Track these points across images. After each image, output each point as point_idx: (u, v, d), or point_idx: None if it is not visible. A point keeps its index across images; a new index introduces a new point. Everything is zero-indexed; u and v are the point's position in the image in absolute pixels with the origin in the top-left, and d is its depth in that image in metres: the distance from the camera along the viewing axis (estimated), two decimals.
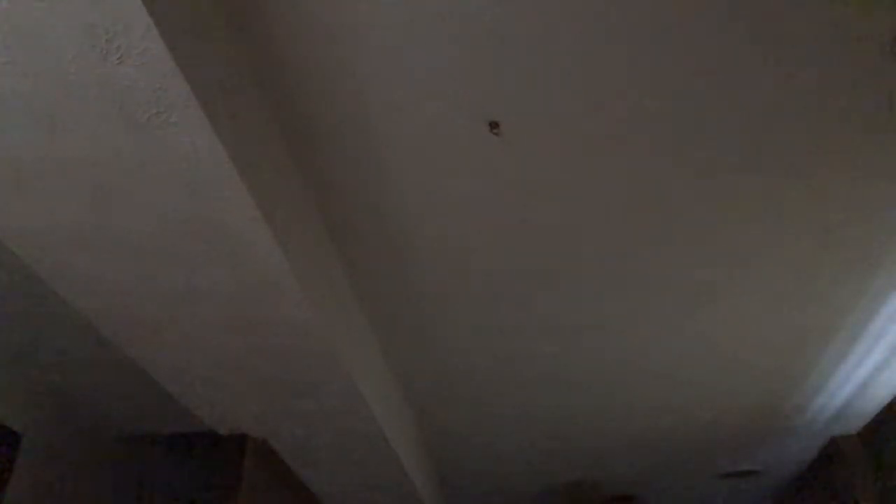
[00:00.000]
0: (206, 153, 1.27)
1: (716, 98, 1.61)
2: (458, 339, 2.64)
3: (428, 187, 1.86)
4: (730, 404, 3.31)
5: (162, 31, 1.05)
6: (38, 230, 1.45)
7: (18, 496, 2.55)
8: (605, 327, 2.60)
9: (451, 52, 1.46)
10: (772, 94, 1.61)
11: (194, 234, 1.49)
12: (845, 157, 1.81)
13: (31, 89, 1.13)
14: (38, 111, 1.18)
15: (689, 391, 3.15)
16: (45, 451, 2.68)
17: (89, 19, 1.02)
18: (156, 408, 2.55)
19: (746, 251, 2.18)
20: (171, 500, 2.50)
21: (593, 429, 3.56)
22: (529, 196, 1.90)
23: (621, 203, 1.94)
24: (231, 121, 1.32)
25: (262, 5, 1.35)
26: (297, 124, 1.64)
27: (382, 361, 2.72)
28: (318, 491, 3.16)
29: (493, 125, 1.64)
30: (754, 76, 1.55)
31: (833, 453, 3.78)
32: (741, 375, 3.01)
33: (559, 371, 2.92)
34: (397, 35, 1.43)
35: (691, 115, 1.65)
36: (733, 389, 3.15)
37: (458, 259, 2.17)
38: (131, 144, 1.25)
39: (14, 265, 1.88)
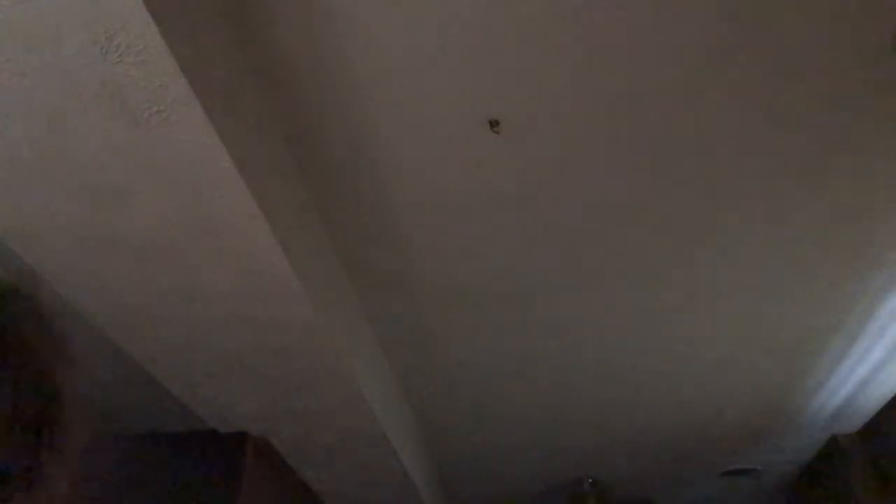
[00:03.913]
0: (206, 151, 1.27)
1: (716, 97, 1.61)
2: (458, 338, 2.64)
3: (428, 186, 1.86)
4: (730, 403, 3.30)
5: (162, 29, 1.05)
6: (38, 230, 1.45)
7: None
8: (606, 326, 2.60)
9: (452, 51, 1.46)
10: (772, 93, 1.61)
11: (194, 232, 1.49)
12: (846, 157, 1.81)
13: (30, 88, 1.13)
14: (37, 110, 1.17)
15: (689, 390, 3.15)
16: None
17: (89, 17, 1.02)
18: (156, 406, 2.55)
19: (746, 251, 2.18)
20: (171, 498, 2.50)
21: (593, 428, 3.56)
22: (530, 195, 1.90)
23: (621, 202, 1.94)
24: (231, 119, 1.31)
25: (263, 4, 1.34)
26: (297, 124, 1.64)
27: (382, 361, 2.72)
28: (318, 489, 3.16)
29: (494, 123, 1.64)
30: (755, 75, 1.55)
31: (833, 452, 3.77)
32: (741, 374, 3.01)
33: (559, 370, 2.92)
34: (397, 34, 1.43)
35: (691, 114, 1.65)
36: (733, 388, 3.15)
37: (458, 258, 2.17)
38: (131, 143, 1.25)
39: (14, 265, 1.88)
